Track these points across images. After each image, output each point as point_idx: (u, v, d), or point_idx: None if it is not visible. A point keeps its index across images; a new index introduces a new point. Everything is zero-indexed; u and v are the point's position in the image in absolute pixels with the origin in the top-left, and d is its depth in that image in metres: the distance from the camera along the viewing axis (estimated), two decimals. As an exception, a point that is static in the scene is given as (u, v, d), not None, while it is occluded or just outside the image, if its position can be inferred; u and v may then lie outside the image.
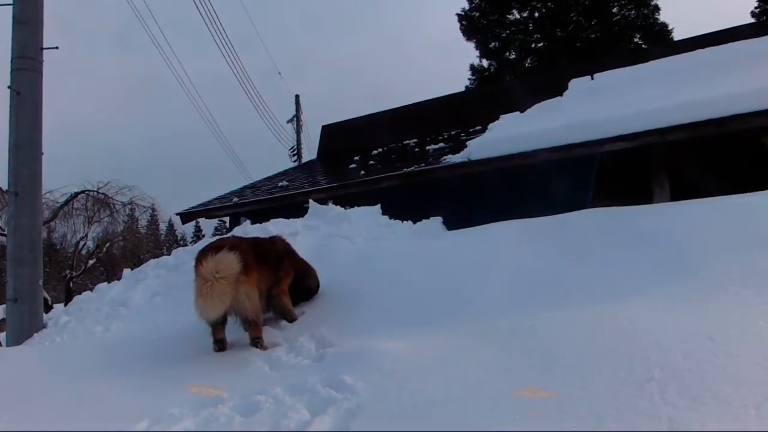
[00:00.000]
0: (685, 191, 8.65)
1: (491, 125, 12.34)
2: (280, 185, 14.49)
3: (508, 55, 29.70)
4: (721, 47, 11.52)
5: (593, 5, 27.24)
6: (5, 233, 13.51)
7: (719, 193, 6.59)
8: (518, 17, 29.23)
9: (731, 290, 4.03)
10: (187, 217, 14.82)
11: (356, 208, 8.42)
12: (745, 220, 5.11)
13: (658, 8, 27.33)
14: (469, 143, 11.32)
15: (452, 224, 7.62)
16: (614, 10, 27.64)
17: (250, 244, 5.45)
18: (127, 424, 3.64)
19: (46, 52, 8.34)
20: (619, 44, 26.37)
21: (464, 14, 29.36)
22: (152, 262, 8.29)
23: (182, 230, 55.66)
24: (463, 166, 10.81)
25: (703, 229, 5.16)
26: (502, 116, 12.67)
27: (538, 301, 4.62)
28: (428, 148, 14.03)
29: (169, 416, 3.70)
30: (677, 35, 26.45)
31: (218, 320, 4.94)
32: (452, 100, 17.08)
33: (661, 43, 23.75)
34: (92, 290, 8.25)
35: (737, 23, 13.95)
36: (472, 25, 29.25)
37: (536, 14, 28.78)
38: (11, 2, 8.26)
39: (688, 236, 5.09)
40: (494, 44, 29.41)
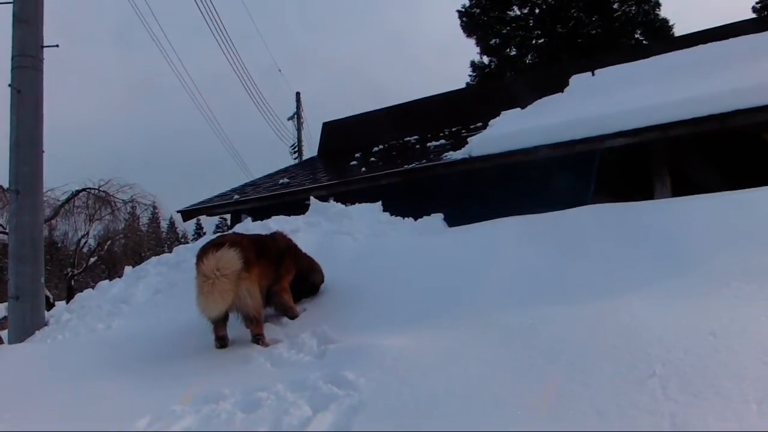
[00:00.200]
0: (686, 187, 8.65)
1: (492, 122, 12.31)
2: (281, 182, 14.47)
3: (508, 51, 29.64)
4: (722, 43, 11.50)
5: (594, 1, 27.17)
6: (6, 231, 13.51)
7: (720, 188, 6.56)
8: (519, 13, 29.17)
9: (733, 286, 4.03)
10: (188, 214, 14.80)
11: (357, 205, 8.41)
12: (746, 215, 5.11)
13: (658, 4, 27.27)
14: (470, 140, 11.29)
15: (453, 221, 7.61)
16: (615, 6, 27.56)
17: (251, 240, 5.45)
18: (129, 421, 3.64)
19: (46, 50, 8.34)
20: (620, 40, 26.32)
21: (465, 11, 29.30)
22: (153, 259, 8.29)
23: (183, 228, 55.66)
24: (464, 162, 10.79)
25: (704, 224, 5.15)
26: (502, 113, 12.64)
27: (539, 297, 4.62)
28: (429, 144, 14.00)
29: (170, 413, 3.70)
30: (678, 31, 26.43)
31: (220, 317, 4.94)
32: (453, 96, 17.05)
33: (662, 39, 23.70)
34: (94, 288, 8.26)
35: (738, 19, 13.89)
36: (472, 21, 29.19)
37: (537, 10, 28.72)
38: (11, 0, 8.25)
39: (689, 232, 5.08)
40: (495, 41, 29.35)
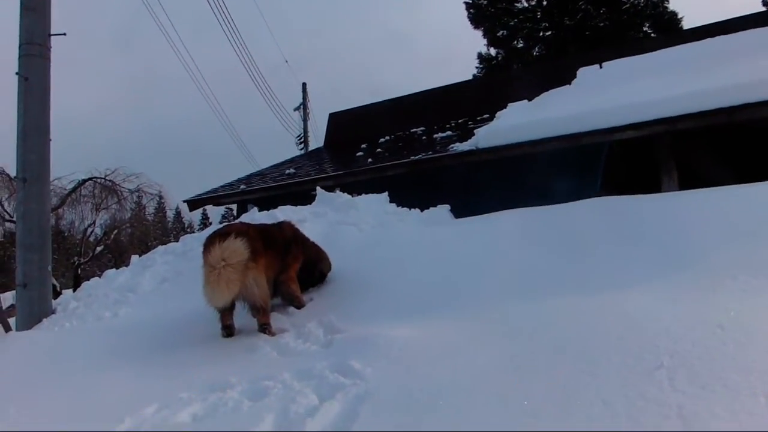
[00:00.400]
0: (693, 180, 8.62)
1: (499, 114, 12.29)
2: (287, 173, 14.47)
3: (516, 43, 29.58)
4: (731, 36, 11.46)
5: (602, -6, 27.08)
6: (14, 220, 13.56)
7: (728, 182, 6.55)
8: (526, 5, 29.08)
9: (740, 279, 4.02)
10: (194, 204, 14.83)
11: (364, 195, 8.42)
12: (754, 209, 5.09)
13: (667, -4, 27.14)
14: (476, 131, 11.28)
15: (459, 212, 7.62)
16: (623, -2, 27.46)
17: (257, 230, 5.45)
18: (136, 408, 3.66)
19: (53, 39, 8.34)
20: (627, 33, 26.21)
21: (472, 2, 29.22)
22: (160, 248, 8.32)
23: (189, 217, 55.61)
24: (470, 154, 10.79)
25: (711, 218, 5.13)
26: (510, 105, 12.62)
27: (545, 289, 4.61)
28: (436, 136, 13.99)
29: (177, 400, 3.72)
30: (686, 24, 26.30)
31: (226, 307, 4.95)
32: (460, 88, 17.03)
33: (670, 32, 23.59)
34: (100, 277, 8.29)
35: (747, 12, 13.81)
36: (479, 13, 29.12)
37: (544, 2, 28.63)
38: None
39: (696, 225, 5.07)
40: (502, 32, 29.28)
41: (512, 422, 2.78)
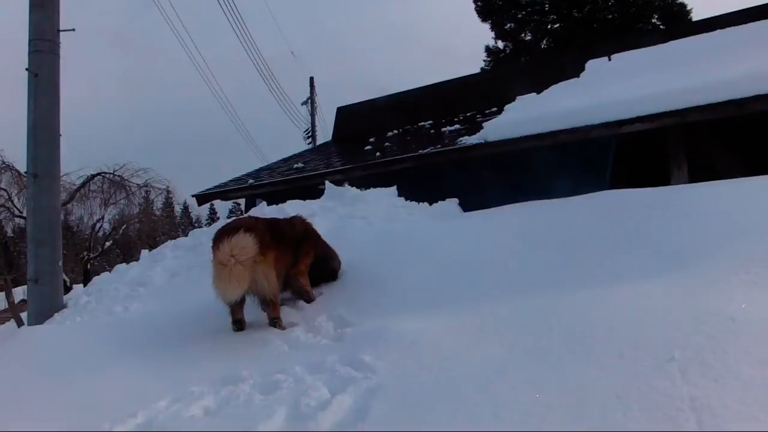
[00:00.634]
0: (703, 173, 8.57)
1: (507, 107, 12.27)
2: (295, 167, 14.49)
3: (523, 36, 29.39)
4: (740, 27, 11.40)
5: (610, -15, 26.91)
6: (24, 215, 13.62)
7: (739, 174, 6.52)
8: (534, -3, 28.91)
9: (753, 271, 3.98)
10: (202, 198, 14.87)
11: (372, 189, 8.42)
12: (765, 201, 5.06)
13: (676, -12, 26.94)
14: (485, 125, 11.27)
15: (469, 206, 7.61)
16: (632, -11, 27.26)
17: (266, 224, 5.46)
18: (148, 401, 3.69)
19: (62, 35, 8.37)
20: (636, 25, 26.03)
21: (480, -6, 29.07)
22: (170, 243, 8.36)
23: (197, 212, 55.77)
24: (479, 147, 10.77)
25: (721, 210, 5.10)
26: (518, 98, 12.60)
27: (556, 282, 4.60)
28: (444, 129, 13.98)
29: (189, 394, 3.75)
30: (696, 16, 26.12)
31: (236, 302, 4.97)
32: (468, 81, 17.00)
33: (679, 23, 23.45)
34: (109, 272, 8.33)
35: (757, 3, 13.69)
36: (487, 5, 28.94)
37: (553, -6, 28.45)
38: (27, -15, 8.28)
39: (706, 218, 5.04)
40: (510, 25, 29.10)
41: (526, 415, 2.79)
